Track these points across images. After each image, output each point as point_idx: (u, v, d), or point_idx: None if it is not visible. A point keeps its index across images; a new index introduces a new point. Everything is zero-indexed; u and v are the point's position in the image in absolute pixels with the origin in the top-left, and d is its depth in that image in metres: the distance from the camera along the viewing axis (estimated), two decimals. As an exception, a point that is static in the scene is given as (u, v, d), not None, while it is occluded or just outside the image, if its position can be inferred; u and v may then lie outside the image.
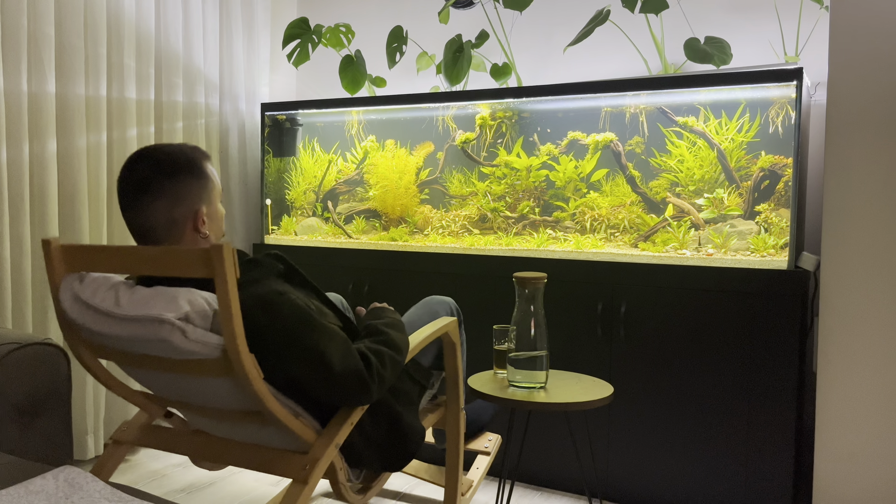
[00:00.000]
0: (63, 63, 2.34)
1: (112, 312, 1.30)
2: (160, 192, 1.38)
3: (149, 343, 1.28)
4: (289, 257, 1.61)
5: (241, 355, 1.24)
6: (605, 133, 2.38)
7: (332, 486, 1.52)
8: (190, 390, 1.43)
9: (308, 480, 1.36)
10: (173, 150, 1.43)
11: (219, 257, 1.20)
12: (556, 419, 2.30)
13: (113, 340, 1.33)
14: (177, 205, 1.40)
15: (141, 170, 1.39)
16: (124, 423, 1.62)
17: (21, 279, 2.24)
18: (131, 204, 1.40)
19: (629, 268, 2.18)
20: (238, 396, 1.37)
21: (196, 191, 1.42)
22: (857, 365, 1.77)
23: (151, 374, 1.44)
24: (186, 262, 1.24)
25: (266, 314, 1.34)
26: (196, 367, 1.31)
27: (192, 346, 1.26)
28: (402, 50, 2.73)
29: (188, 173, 1.41)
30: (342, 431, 1.43)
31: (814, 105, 2.36)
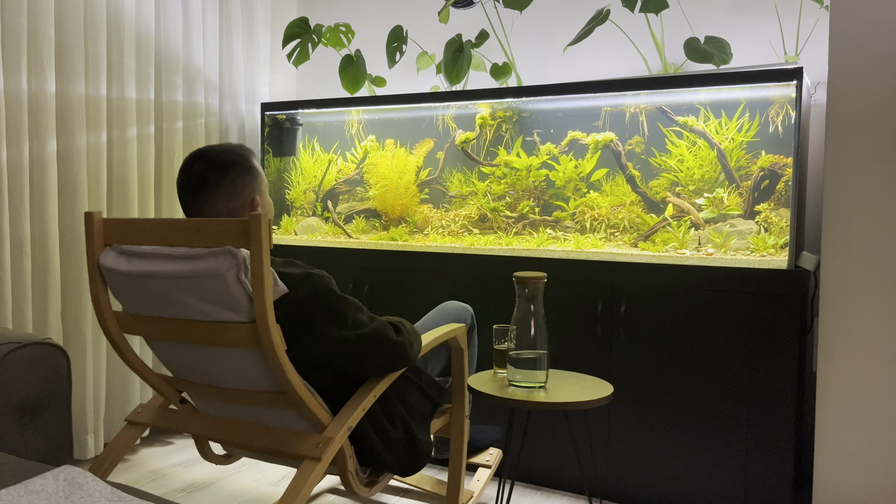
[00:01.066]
0: (63, 63, 2.34)
1: (170, 253, 1.38)
2: (216, 185, 1.52)
3: (199, 283, 1.34)
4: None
5: (268, 322, 1.31)
6: (605, 133, 2.38)
7: (341, 475, 1.55)
8: (213, 366, 1.47)
9: (322, 457, 1.39)
10: (224, 148, 1.58)
11: (256, 226, 1.27)
12: (556, 419, 2.30)
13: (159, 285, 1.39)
14: (234, 197, 1.53)
15: (198, 168, 1.54)
16: (139, 406, 1.68)
17: (21, 279, 2.24)
18: (192, 201, 1.54)
19: (629, 267, 2.18)
20: (260, 371, 1.42)
21: (249, 183, 1.55)
22: (857, 365, 1.77)
23: (176, 349, 1.50)
24: (225, 232, 1.32)
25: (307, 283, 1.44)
26: (224, 335, 1.37)
27: (237, 292, 1.33)
28: (402, 49, 2.73)
29: (240, 168, 1.55)
30: (355, 415, 1.47)
31: (814, 105, 2.36)
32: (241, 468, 2.46)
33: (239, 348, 1.40)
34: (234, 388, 1.49)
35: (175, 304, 1.40)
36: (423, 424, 1.68)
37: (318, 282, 1.45)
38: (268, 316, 1.31)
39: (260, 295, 1.30)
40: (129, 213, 2.56)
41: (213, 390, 1.52)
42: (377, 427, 1.57)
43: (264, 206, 1.59)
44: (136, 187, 2.58)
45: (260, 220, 1.27)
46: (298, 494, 1.33)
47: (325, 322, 1.44)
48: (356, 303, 1.51)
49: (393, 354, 1.52)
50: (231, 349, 1.41)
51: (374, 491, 1.65)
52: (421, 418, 1.69)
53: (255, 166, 1.58)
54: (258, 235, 1.28)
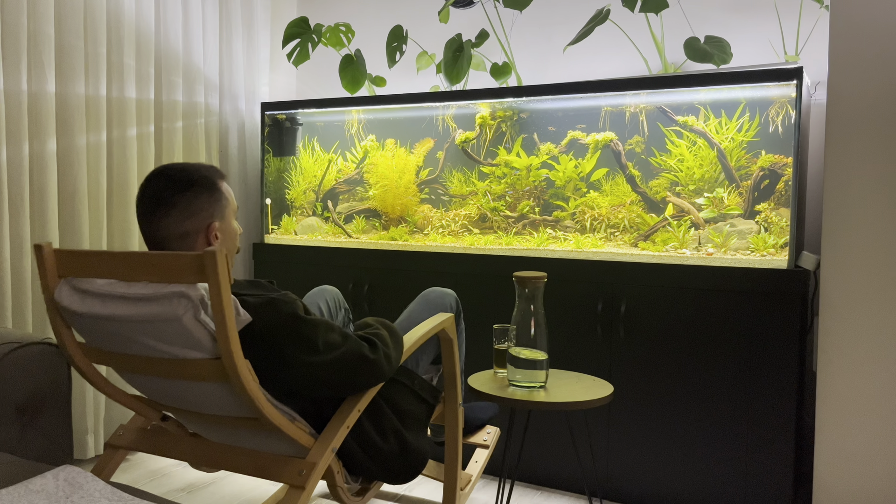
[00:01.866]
0: (63, 62, 2.34)
1: (124, 294, 1.31)
2: (172, 205, 1.42)
3: (156, 326, 1.28)
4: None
5: (234, 358, 1.25)
6: (605, 132, 2.38)
7: (330, 489, 1.52)
8: (186, 396, 1.42)
9: (305, 486, 1.36)
10: (188, 167, 1.48)
11: (212, 262, 1.20)
12: (556, 418, 2.30)
13: (117, 327, 1.33)
14: (189, 217, 1.43)
15: (156, 185, 1.45)
16: (120, 428, 1.62)
17: (21, 279, 2.24)
18: (147, 217, 1.44)
19: (629, 267, 2.18)
20: (233, 402, 1.37)
21: (208, 205, 1.45)
22: (857, 364, 1.77)
23: (147, 379, 1.44)
24: (180, 267, 1.25)
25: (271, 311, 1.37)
26: (191, 371, 1.31)
27: (197, 332, 1.26)
28: (402, 49, 2.73)
29: (201, 187, 1.45)
30: (338, 435, 1.43)
31: (814, 104, 2.36)
32: (241, 468, 2.46)
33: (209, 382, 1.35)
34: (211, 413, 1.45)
35: (136, 344, 1.34)
36: (418, 429, 1.64)
37: (281, 308, 1.38)
38: (233, 353, 1.24)
39: (223, 334, 1.23)
40: (128, 213, 2.56)
41: (191, 414, 1.48)
42: (363, 442, 1.53)
43: (225, 232, 1.48)
44: (135, 187, 2.58)
45: (215, 257, 1.19)
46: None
47: (296, 350, 1.37)
48: (325, 323, 1.43)
49: (370, 373, 1.46)
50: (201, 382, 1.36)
51: (367, 498, 1.62)
52: (416, 423, 1.64)
53: (221, 188, 1.48)
54: (215, 272, 1.20)
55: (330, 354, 1.40)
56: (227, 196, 1.50)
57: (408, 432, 1.61)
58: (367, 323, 1.63)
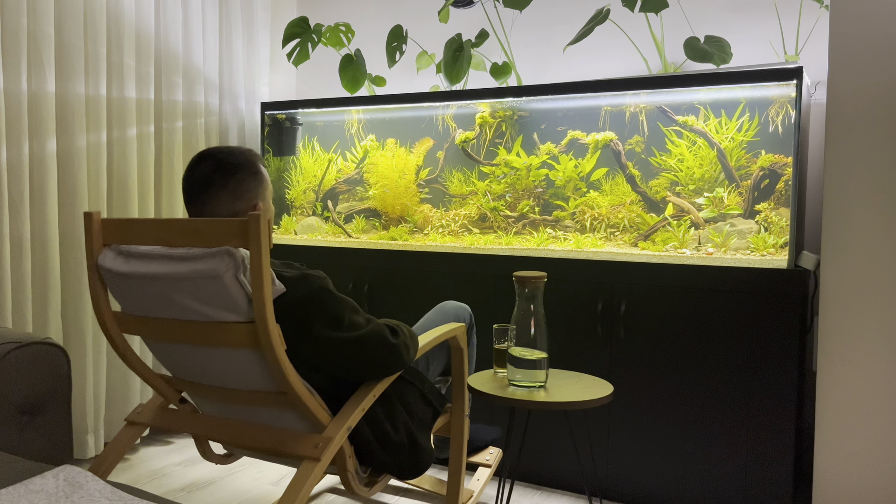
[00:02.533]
0: (63, 62, 2.34)
1: (169, 253, 1.38)
2: (222, 186, 1.52)
3: (197, 284, 1.34)
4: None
5: (267, 321, 1.31)
6: (605, 132, 2.38)
7: (340, 475, 1.55)
8: (212, 368, 1.47)
9: (321, 457, 1.39)
10: (233, 151, 1.58)
11: (255, 226, 1.27)
12: (556, 418, 2.30)
13: (158, 286, 1.38)
14: (237, 199, 1.53)
15: (204, 168, 1.54)
16: (139, 406, 1.68)
17: (21, 279, 2.24)
18: (196, 199, 1.53)
19: (629, 267, 2.18)
20: (260, 372, 1.42)
21: (254, 187, 1.56)
22: (857, 364, 1.77)
23: (175, 350, 1.49)
24: (224, 232, 1.32)
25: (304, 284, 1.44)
26: (223, 336, 1.37)
27: (235, 292, 1.32)
28: (402, 49, 2.73)
29: (247, 171, 1.55)
30: (354, 415, 1.47)
31: (814, 104, 2.35)
32: (242, 467, 2.46)
33: (238, 349, 1.40)
34: (233, 388, 1.49)
35: (172, 305, 1.40)
36: (424, 430, 1.68)
37: (314, 282, 1.45)
38: (267, 316, 1.31)
39: (259, 295, 1.30)
40: (128, 212, 2.56)
41: (213, 390, 1.52)
42: (377, 430, 1.57)
43: (266, 211, 1.58)
44: (135, 187, 2.58)
45: (259, 220, 1.27)
46: (298, 494, 1.33)
47: (322, 323, 1.43)
48: (353, 304, 1.50)
49: (389, 357, 1.51)
50: (230, 350, 1.41)
51: (374, 491, 1.65)
52: (422, 424, 1.68)
53: (262, 172, 1.58)
54: (257, 235, 1.28)
55: (353, 332, 1.46)
56: (267, 179, 1.60)
57: (416, 430, 1.64)
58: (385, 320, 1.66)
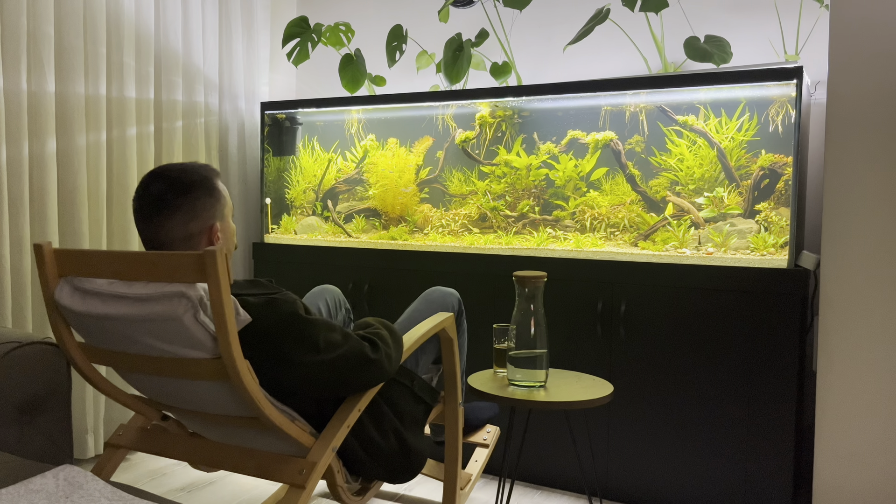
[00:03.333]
0: (62, 62, 2.34)
1: (124, 293, 1.31)
2: (176, 208, 1.43)
3: (156, 325, 1.28)
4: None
5: (234, 358, 1.25)
6: (605, 132, 2.38)
7: (330, 489, 1.52)
8: (185, 395, 1.43)
9: (306, 485, 1.36)
10: (186, 168, 1.48)
11: (212, 262, 1.21)
12: (556, 418, 2.30)
13: (117, 326, 1.33)
14: (192, 220, 1.44)
15: (157, 187, 1.44)
16: (120, 427, 1.62)
17: (21, 278, 2.24)
18: (149, 220, 1.44)
19: (629, 267, 2.18)
20: (233, 401, 1.37)
21: (210, 207, 1.46)
22: (857, 364, 1.77)
23: (147, 379, 1.44)
24: (180, 267, 1.25)
25: (271, 311, 1.38)
26: (192, 370, 1.31)
27: (197, 332, 1.26)
28: (402, 49, 2.73)
29: (202, 190, 1.46)
30: (339, 434, 1.44)
31: (814, 104, 2.35)
32: (241, 467, 2.46)
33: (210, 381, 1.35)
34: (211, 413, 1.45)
35: (137, 343, 1.34)
36: (416, 429, 1.65)
37: (281, 308, 1.39)
38: (234, 354, 1.25)
39: (224, 333, 1.24)
40: (128, 212, 2.56)
41: (192, 413, 1.48)
42: (364, 441, 1.54)
43: (225, 231, 1.49)
44: (135, 187, 2.57)
45: (215, 257, 1.20)
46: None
47: (296, 349, 1.38)
48: (326, 322, 1.44)
49: (371, 373, 1.46)
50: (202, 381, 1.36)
51: (367, 498, 1.63)
52: (414, 423, 1.65)
53: (219, 189, 1.49)
54: (215, 272, 1.21)
55: (331, 354, 1.40)
56: (225, 195, 1.51)
57: (407, 432, 1.61)
58: (367, 322, 1.63)
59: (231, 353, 1.24)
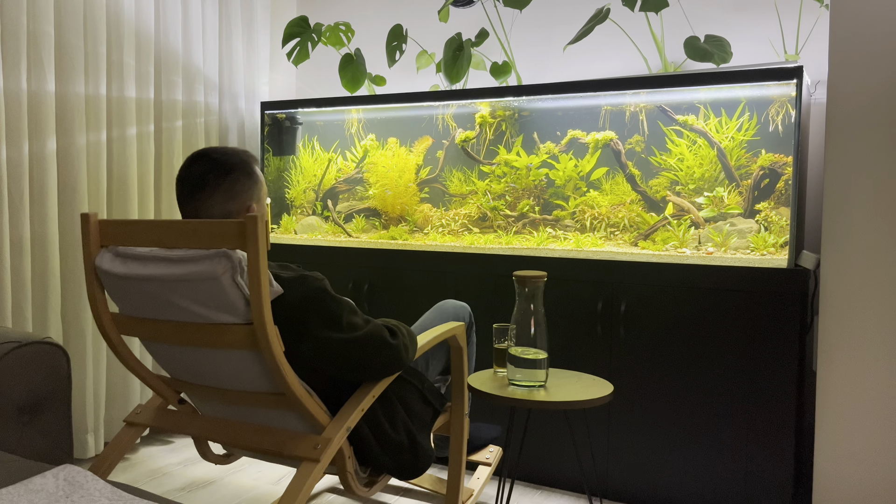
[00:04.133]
0: (63, 62, 2.34)
1: (166, 255, 1.38)
2: (216, 187, 1.51)
3: (194, 286, 1.34)
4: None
5: (265, 323, 1.31)
6: (605, 132, 2.38)
7: (340, 476, 1.55)
8: (210, 369, 1.47)
9: (321, 458, 1.39)
10: (227, 151, 1.57)
11: (252, 228, 1.28)
12: (556, 418, 2.30)
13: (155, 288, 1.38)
14: (231, 200, 1.52)
15: (200, 168, 1.53)
16: (138, 406, 1.68)
17: (21, 278, 2.24)
18: (191, 197, 1.52)
19: (629, 266, 2.18)
20: (258, 373, 1.42)
21: (248, 188, 1.55)
22: (858, 363, 1.77)
23: (173, 351, 1.50)
24: (221, 233, 1.32)
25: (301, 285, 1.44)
26: (222, 337, 1.37)
27: (233, 294, 1.32)
28: (402, 48, 2.73)
29: (241, 172, 1.54)
30: (353, 416, 1.47)
31: (814, 103, 2.35)
32: (242, 467, 2.46)
33: (236, 350, 1.40)
34: (231, 389, 1.49)
35: (170, 306, 1.40)
36: (423, 430, 1.68)
37: (311, 283, 1.45)
38: (265, 318, 1.31)
39: (257, 297, 1.30)
40: (128, 212, 2.56)
41: (211, 391, 1.52)
42: (376, 430, 1.57)
43: (260, 212, 1.57)
44: (135, 186, 2.58)
45: (256, 222, 1.27)
46: (298, 495, 1.33)
47: (320, 325, 1.43)
48: (351, 305, 1.49)
49: (388, 358, 1.51)
50: (228, 351, 1.41)
51: (374, 491, 1.65)
52: (422, 424, 1.68)
53: (257, 173, 1.58)
54: (255, 237, 1.28)
55: (351, 333, 1.45)
56: (262, 180, 1.59)
57: (416, 430, 1.64)
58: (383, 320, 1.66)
59: (262, 318, 1.30)
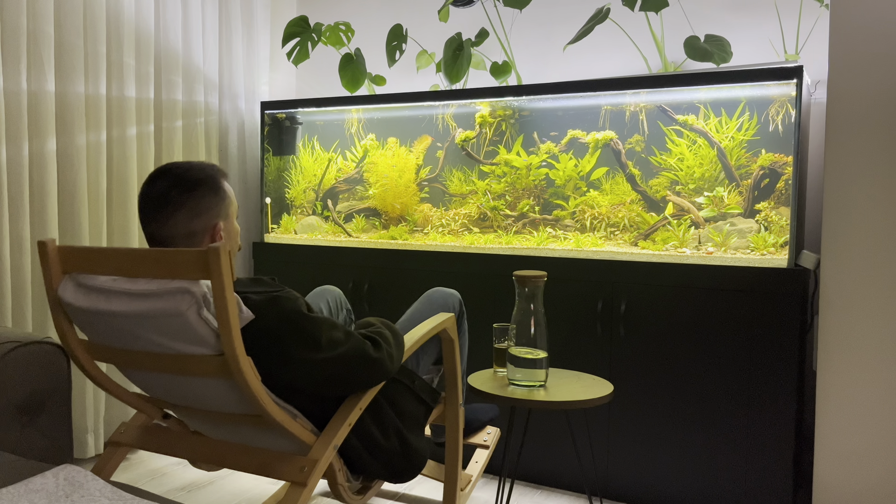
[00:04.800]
0: (62, 62, 2.34)
1: (127, 289, 1.31)
2: (180, 205, 1.43)
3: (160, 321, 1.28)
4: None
5: (237, 355, 1.25)
6: (605, 131, 2.38)
7: (331, 487, 1.52)
8: (188, 393, 1.43)
9: (307, 482, 1.36)
10: (192, 166, 1.48)
11: (215, 258, 1.21)
12: (556, 417, 2.30)
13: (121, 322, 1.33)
14: (196, 217, 1.44)
15: (161, 184, 1.44)
16: (122, 425, 1.62)
17: (21, 278, 2.24)
18: (152, 217, 1.44)
19: (629, 266, 2.18)
20: (235, 398, 1.38)
21: (214, 206, 1.46)
22: (857, 363, 1.77)
23: (150, 376, 1.44)
24: (184, 263, 1.25)
25: (274, 309, 1.37)
26: (195, 367, 1.31)
27: (200, 329, 1.27)
28: (402, 48, 2.73)
29: (207, 188, 1.46)
30: (340, 432, 1.44)
31: (814, 103, 2.35)
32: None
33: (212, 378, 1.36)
34: (213, 410, 1.45)
35: (139, 339, 1.35)
36: (416, 430, 1.65)
37: (284, 305, 1.38)
38: (236, 350, 1.25)
39: (226, 329, 1.24)
40: (128, 211, 2.56)
41: (194, 411, 1.48)
42: (365, 439, 1.54)
43: (228, 231, 1.50)
44: (135, 186, 2.58)
45: (219, 254, 1.21)
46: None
47: (299, 347, 1.37)
48: (328, 320, 1.43)
49: (372, 371, 1.46)
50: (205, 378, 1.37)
51: (368, 497, 1.62)
52: (415, 423, 1.65)
53: (224, 189, 1.49)
54: (218, 269, 1.21)
55: (333, 351, 1.40)
56: (230, 196, 1.51)
57: (408, 432, 1.61)
58: (368, 322, 1.63)
59: (234, 350, 1.25)
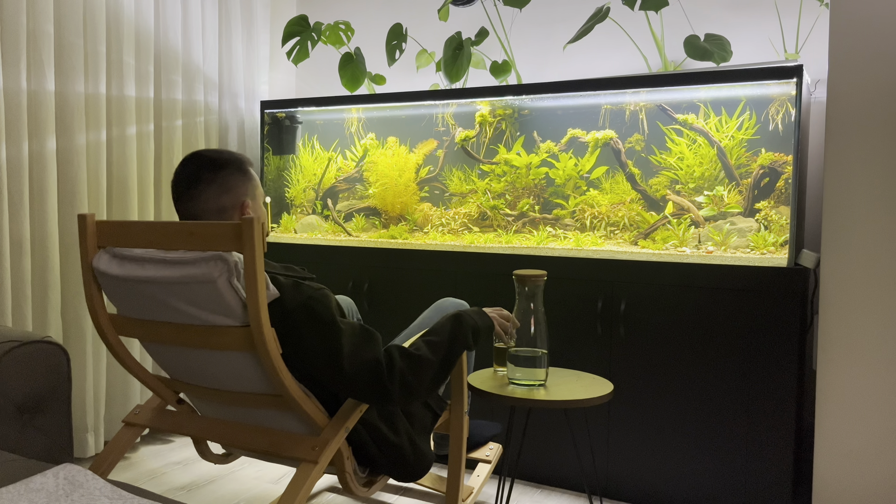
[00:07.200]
0: (62, 61, 2.34)
1: (163, 257, 1.38)
2: (210, 181, 1.51)
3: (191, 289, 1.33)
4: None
5: (262, 325, 1.30)
6: (605, 130, 2.38)
7: (339, 476, 1.55)
8: (208, 370, 1.47)
9: (318, 460, 1.39)
10: (221, 151, 1.59)
11: (248, 230, 1.27)
12: (555, 417, 2.30)
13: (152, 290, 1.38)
14: (224, 194, 1.52)
15: (192, 165, 1.54)
16: (137, 407, 1.68)
17: (21, 277, 2.24)
18: (185, 195, 1.53)
19: (629, 265, 2.18)
20: (255, 376, 1.42)
21: (242, 184, 1.54)
22: (857, 362, 1.77)
23: (171, 352, 1.49)
24: (218, 235, 1.32)
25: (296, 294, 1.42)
26: (219, 338, 1.37)
27: (229, 297, 1.32)
28: (402, 47, 2.73)
29: (234, 167, 1.55)
30: (353, 416, 1.47)
31: (814, 102, 2.35)
32: (241, 466, 2.46)
33: (234, 352, 1.40)
34: (230, 390, 1.48)
35: (168, 308, 1.40)
36: (423, 434, 1.67)
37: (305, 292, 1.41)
38: (262, 320, 1.30)
39: (254, 300, 1.29)
40: (128, 211, 2.56)
41: (210, 392, 1.52)
42: (373, 433, 1.56)
43: (256, 211, 1.56)
44: (135, 185, 2.58)
45: (252, 224, 1.26)
46: (296, 497, 1.33)
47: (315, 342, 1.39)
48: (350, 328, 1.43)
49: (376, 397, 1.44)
50: (226, 352, 1.41)
51: (373, 491, 1.65)
52: (421, 427, 1.68)
53: (250, 171, 1.57)
54: (251, 239, 1.27)
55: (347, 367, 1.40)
56: (256, 179, 1.59)
57: (416, 434, 1.64)
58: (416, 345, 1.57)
59: (259, 321, 1.30)
